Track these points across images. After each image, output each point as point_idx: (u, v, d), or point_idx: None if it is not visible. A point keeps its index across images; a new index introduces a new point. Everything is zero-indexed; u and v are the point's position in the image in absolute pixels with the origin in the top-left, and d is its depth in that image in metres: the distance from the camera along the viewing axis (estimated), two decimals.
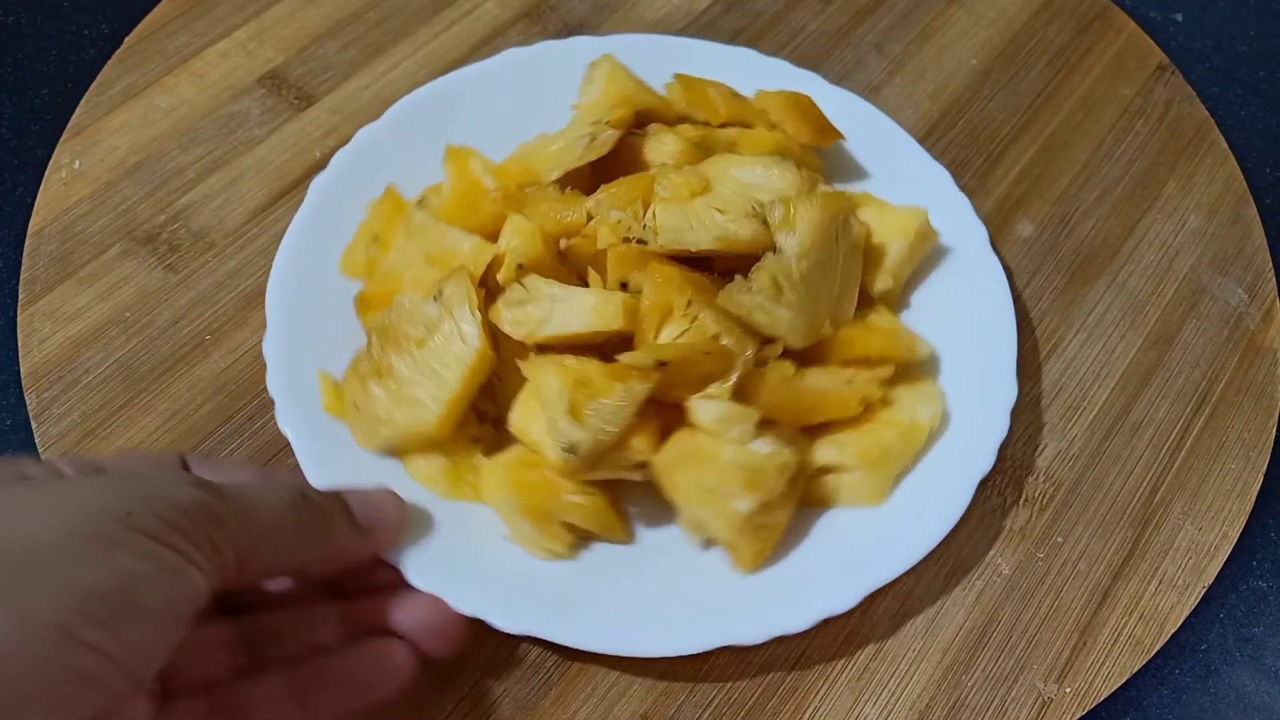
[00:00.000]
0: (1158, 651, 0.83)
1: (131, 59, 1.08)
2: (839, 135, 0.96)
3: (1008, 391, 0.86)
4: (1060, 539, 0.87)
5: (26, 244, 0.95)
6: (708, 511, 0.76)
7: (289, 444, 0.81)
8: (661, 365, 0.75)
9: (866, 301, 0.89)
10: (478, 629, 0.73)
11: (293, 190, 0.99)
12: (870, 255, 0.89)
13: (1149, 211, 1.05)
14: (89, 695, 0.52)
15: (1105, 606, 0.84)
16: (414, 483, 0.80)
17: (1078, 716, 0.80)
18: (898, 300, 0.93)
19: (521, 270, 0.81)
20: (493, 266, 0.82)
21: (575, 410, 0.74)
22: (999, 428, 0.85)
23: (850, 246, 0.85)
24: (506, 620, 0.74)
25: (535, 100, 0.98)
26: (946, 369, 0.89)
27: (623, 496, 0.81)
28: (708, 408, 0.76)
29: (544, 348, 0.80)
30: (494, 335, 0.79)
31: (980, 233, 0.95)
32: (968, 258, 0.94)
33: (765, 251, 0.80)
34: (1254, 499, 0.90)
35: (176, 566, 0.57)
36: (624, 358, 0.76)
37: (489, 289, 0.82)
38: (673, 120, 0.94)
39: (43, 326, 0.91)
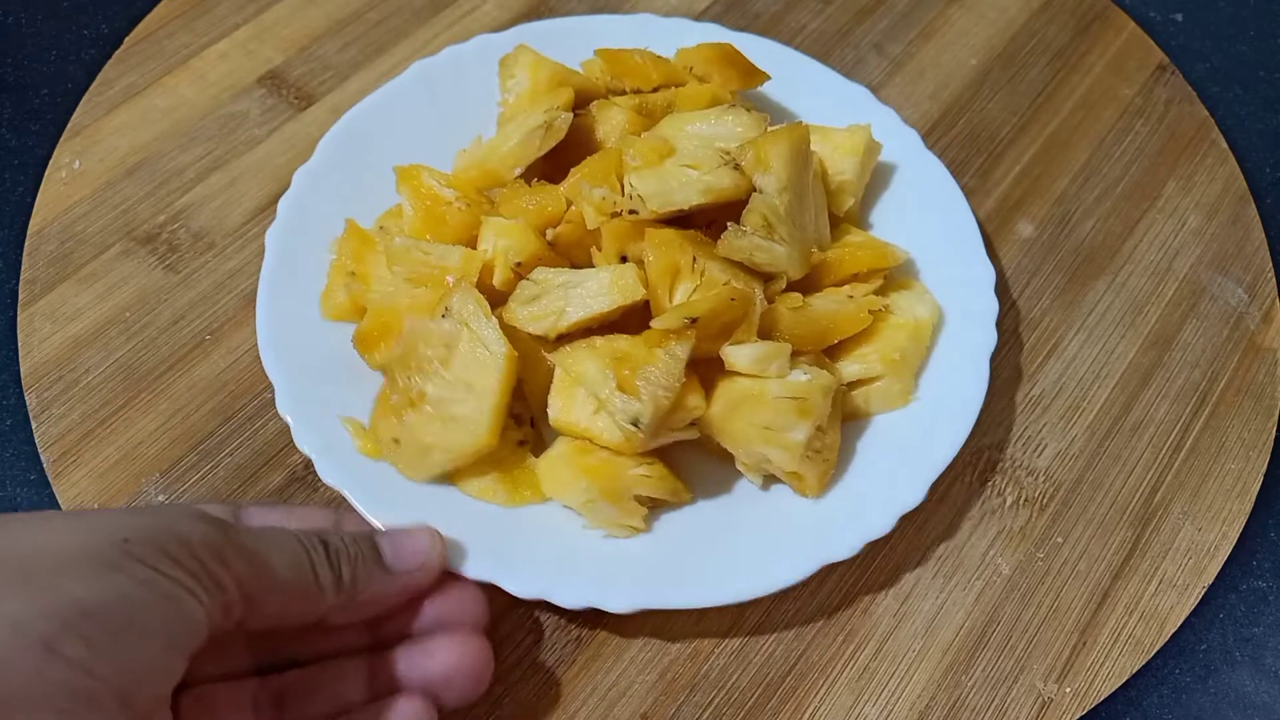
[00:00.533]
0: (1158, 651, 0.83)
1: (131, 59, 1.08)
2: (765, 76, 0.98)
3: (985, 272, 0.91)
4: (1060, 539, 0.87)
5: (26, 244, 0.95)
6: (768, 449, 0.78)
7: (289, 444, 0.81)
8: (693, 322, 0.76)
9: (834, 222, 0.91)
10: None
11: None
12: (827, 178, 0.92)
13: (1149, 211, 1.05)
14: (80, 713, 0.52)
15: (1105, 606, 0.84)
16: (474, 501, 0.80)
17: (1078, 716, 0.80)
18: (858, 216, 0.96)
19: (520, 269, 0.82)
20: (483, 274, 0.83)
21: (625, 385, 0.75)
22: (990, 306, 0.89)
23: (813, 173, 0.88)
24: (617, 602, 0.76)
25: (455, 105, 0.99)
26: (923, 268, 0.93)
27: (671, 461, 0.82)
28: (743, 351, 0.78)
29: (562, 337, 0.80)
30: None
31: (913, 137, 0.98)
32: (907, 163, 0.98)
33: (744, 196, 0.82)
34: (1254, 499, 0.90)
35: (171, 594, 0.57)
36: (657, 322, 0.77)
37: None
38: (604, 95, 0.95)
39: (43, 326, 0.91)
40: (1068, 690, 0.81)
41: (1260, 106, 1.17)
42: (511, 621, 0.81)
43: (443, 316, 0.78)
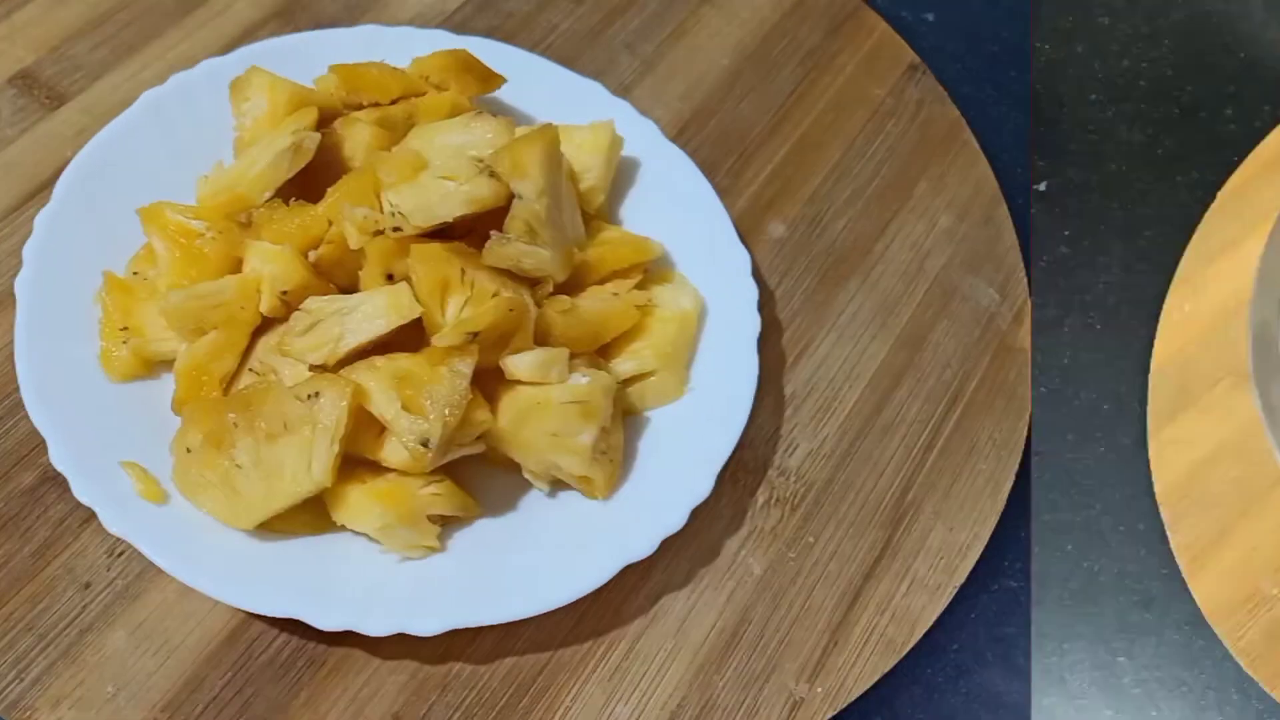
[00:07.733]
0: (910, 651, 0.84)
1: None
2: (502, 80, 0.98)
3: (740, 257, 0.92)
4: (812, 539, 0.88)
5: None
6: (558, 455, 0.79)
7: (41, 445, 0.78)
8: (474, 336, 0.76)
9: (586, 221, 0.92)
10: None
11: (43, 190, 0.95)
12: (575, 177, 0.93)
13: (900, 212, 1.07)
14: None
15: (857, 606, 0.85)
16: (269, 537, 0.79)
17: (829, 716, 0.81)
18: (608, 212, 0.97)
19: (286, 296, 0.81)
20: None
21: (411, 405, 0.75)
22: (749, 290, 0.90)
23: (564, 174, 0.88)
24: (427, 625, 0.76)
25: (190, 133, 0.96)
26: (679, 259, 0.94)
27: (456, 476, 0.82)
28: (524, 360, 0.79)
29: (340, 362, 0.79)
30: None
31: (651, 128, 0.99)
32: (647, 155, 0.99)
33: (503, 203, 0.81)
34: (1005, 499, 0.92)
35: None
36: (438, 339, 0.77)
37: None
38: (342, 111, 0.94)
39: None
40: (819, 690, 0.82)
41: (1012, 106, 1.20)
42: (263, 621, 0.80)
43: (307, 398, 0.76)
